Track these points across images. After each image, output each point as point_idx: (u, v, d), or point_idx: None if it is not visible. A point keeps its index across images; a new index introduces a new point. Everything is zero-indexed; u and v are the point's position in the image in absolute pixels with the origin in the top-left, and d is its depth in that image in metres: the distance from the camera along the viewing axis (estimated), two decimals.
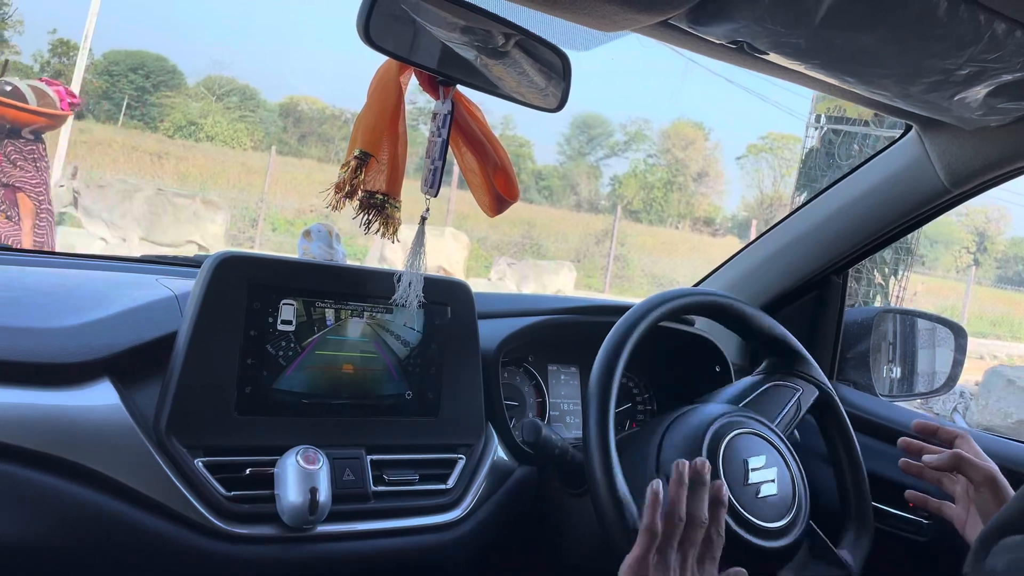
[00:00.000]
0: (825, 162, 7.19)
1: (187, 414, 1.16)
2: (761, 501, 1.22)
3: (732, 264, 1.81)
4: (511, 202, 1.31)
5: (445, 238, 13.25)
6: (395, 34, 1.15)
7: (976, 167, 1.43)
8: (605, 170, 34.42)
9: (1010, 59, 1.08)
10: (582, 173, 32.68)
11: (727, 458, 1.22)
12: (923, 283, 21.11)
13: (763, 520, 1.21)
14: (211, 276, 1.20)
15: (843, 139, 7.14)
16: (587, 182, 31.95)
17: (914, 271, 8.62)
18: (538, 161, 32.94)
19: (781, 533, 1.22)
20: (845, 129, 7.05)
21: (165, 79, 26.96)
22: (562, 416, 1.62)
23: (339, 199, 1.21)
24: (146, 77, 26.48)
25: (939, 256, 30.65)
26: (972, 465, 1.27)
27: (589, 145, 35.56)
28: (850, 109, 6.79)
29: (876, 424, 1.60)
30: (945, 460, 1.30)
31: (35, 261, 1.46)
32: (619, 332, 1.23)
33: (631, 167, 33.48)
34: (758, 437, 1.28)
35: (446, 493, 1.34)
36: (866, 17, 1.01)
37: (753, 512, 1.20)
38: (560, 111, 1.31)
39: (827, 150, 7.24)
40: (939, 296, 21.61)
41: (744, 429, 1.27)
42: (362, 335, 1.31)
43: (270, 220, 14.32)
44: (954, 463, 1.29)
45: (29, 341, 1.13)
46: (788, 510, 1.25)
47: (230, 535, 1.15)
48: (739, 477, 1.22)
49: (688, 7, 1.02)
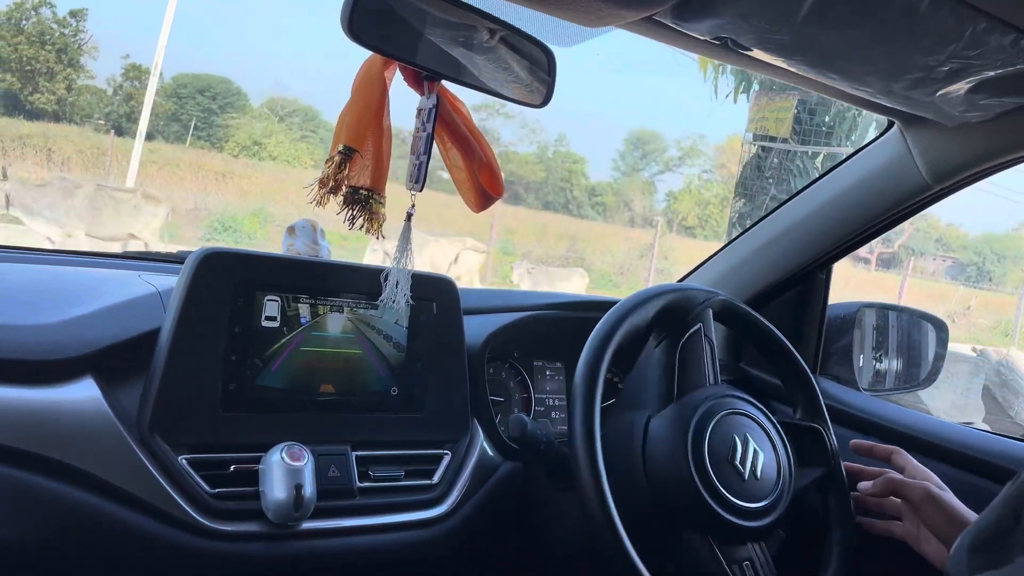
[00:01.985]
0: (756, 174, 7.63)
1: (171, 411, 1.15)
2: (745, 482, 1.23)
3: (717, 259, 1.82)
4: (496, 198, 1.31)
5: (467, 247, 13.32)
6: (379, 29, 1.14)
7: (958, 163, 1.44)
8: (660, 186, 34.36)
9: (991, 56, 1.09)
10: (636, 189, 32.59)
11: (713, 441, 1.23)
12: (977, 296, 21.38)
13: (745, 500, 1.22)
14: (195, 272, 1.19)
15: (769, 154, 7.62)
16: (641, 198, 31.86)
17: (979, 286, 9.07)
18: (592, 178, 32.86)
19: (762, 513, 1.24)
20: (769, 145, 7.54)
21: (231, 100, 27.35)
22: (547, 411, 1.63)
23: (323, 195, 1.20)
24: (213, 99, 26.88)
25: (1008, 271, 30.67)
26: (906, 486, 1.28)
27: (643, 161, 35.36)
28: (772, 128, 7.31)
29: (858, 418, 1.61)
30: (879, 487, 1.31)
31: (16, 257, 1.44)
32: (604, 328, 1.24)
33: (685, 183, 33.27)
34: (745, 417, 1.29)
35: (431, 489, 1.34)
36: (849, 14, 1.02)
37: (736, 493, 1.21)
38: (545, 107, 1.30)
39: (757, 164, 7.68)
40: (997, 311, 21.76)
41: (730, 410, 1.28)
42: (347, 331, 1.31)
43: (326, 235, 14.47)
44: (888, 488, 1.31)
45: (10, 338, 1.12)
46: (772, 490, 1.26)
47: (215, 532, 1.14)
48: (724, 459, 1.23)
49: (672, 3, 1.02)
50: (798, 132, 7.31)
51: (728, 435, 1.25)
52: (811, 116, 7.27)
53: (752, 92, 7.57)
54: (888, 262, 25.66)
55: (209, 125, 26.04)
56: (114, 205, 11.66)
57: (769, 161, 7.58)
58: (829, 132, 7.28)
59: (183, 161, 20.71)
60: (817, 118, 7.24)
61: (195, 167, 20.48)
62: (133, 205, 11.81)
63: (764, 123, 7.46)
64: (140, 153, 13.62)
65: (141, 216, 11.80)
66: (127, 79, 25.10)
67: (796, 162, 7.44)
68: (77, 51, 24.02)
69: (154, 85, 15.06)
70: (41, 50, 22.89)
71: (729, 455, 1.23)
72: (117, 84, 25.19)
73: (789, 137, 7.35)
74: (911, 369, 1.79)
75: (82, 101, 24.28)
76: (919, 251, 29.08)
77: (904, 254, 25.72)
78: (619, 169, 35.38)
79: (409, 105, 1.24)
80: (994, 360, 9.67)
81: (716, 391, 1.30)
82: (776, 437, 1.30)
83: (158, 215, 11.99)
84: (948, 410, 8.28)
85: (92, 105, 24.53)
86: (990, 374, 9.41)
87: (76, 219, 11.32)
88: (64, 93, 23.57)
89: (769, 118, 7.42)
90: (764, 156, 7.66)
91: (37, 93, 22.91)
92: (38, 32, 23.13)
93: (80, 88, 24.32)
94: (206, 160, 21.77)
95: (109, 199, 11.67)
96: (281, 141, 25.64)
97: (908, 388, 1.81)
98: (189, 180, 19.45)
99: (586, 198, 31.23)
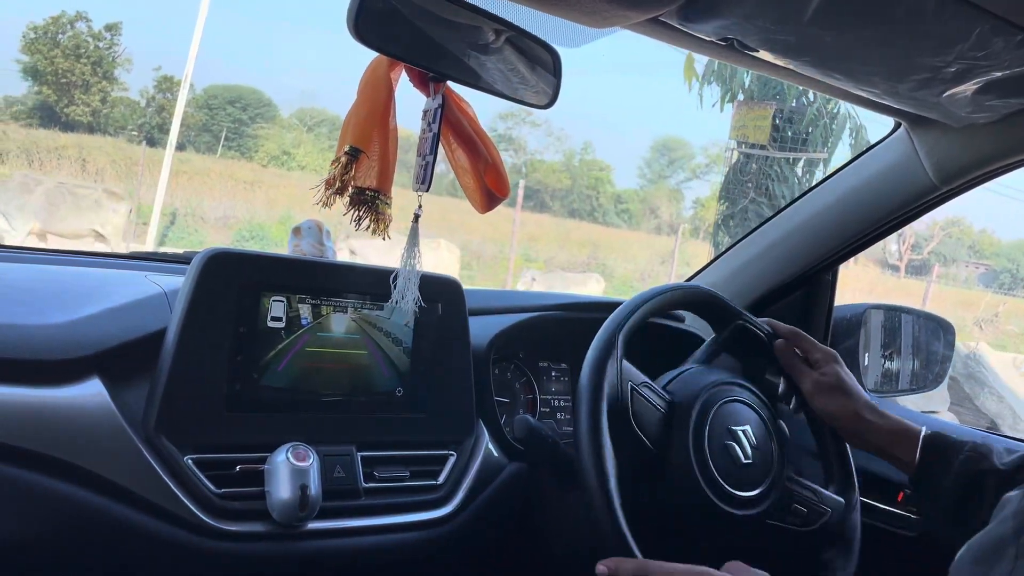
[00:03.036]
0: (738, 179, 7.81)
1: (176, 411, 1.16)
2: (740, 470, 1.23)
3: (722, 260, 1.81)
4: (502, 199, 1.31)
5: (441, 250, 13.37)
6: (385, 30, 1.14)
7: (964, 164, 1.43)
8: (687, 193, 34.16)
9: (998, 56, 1.08)
10: (662, 196, 32.43)
11: (712, 430, 1.23)
12: (1006, 303, 21.25)
13: (739, 489, 1.22)
14: (200, 273, 1.20)
15: (749, 160, 7.82)
16: (668, 205, 31.68)
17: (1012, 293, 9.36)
18: (618, 185, 32.73)
19: (755, 502, 1.23)
20: (750, 152, 7.76)
21: (261, 111, 27.72)
22: (553, 412, 1.63)
23: (329, 195, 1.20)
24: (243, 110, 27.27)
25: None
26: (814, 345, 1.34)
27: (670, 168, 35.15)
28: (751, 135, 7.56)
29: None
30: (787, 332, 1.36)
31: (23, 258, 1.46)
32: (609, 328, 1.23)
33: (712, 190, 32.97)
34: (743, 404, 1.28)
35: (437, 489, 1.34)
36: (855, 14, 1.02)
37: (731, 482, 1.21)
38: (551, 108, 1.30)
39: (740, 169, 7.85)
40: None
41: (729, 398, 1.27)
42: (352, 332, 1.31)
43: None
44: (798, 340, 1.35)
45: (17, 338, 1.13)
46: (764, 478, 1.25)
47: (220, 532, 1.15)
48: (721, 448, 1.23)
49: (679, 4, 1.02)
50: (776, 139, 7.52)
51: (723, 426, 1.24)
52: (788, 124, 7.45)
53: (736, 101, 7.73)
54: (919, 269, 25.40)
55: (239, 135, 26.33)
56: (74, 201, 11.80)
57: (749, 167, 7.77)
58: (805, 139, 7.44)
59: (213, 171, 20.96)
60: (794, 125, 7.40)
61: (225, 177, 20.70)
62: (94, 200, 11.96)
63: (745, 131, 7.71)
64: (171, 163, 13.83)
65: (102, 212, 11.94)
66: (159, 91, 25.43)
67: (775, 167, 7.60)
68: (111, 64, 24.36)
69: (185, 96, 15.27)
70: (76, 63, 23.24)
71: (724, 447, 1.23)
72: (150, 96, 25.54)
73: (768, 144, 7.54)
74: (917, 370, 1.78)
75: (116, 113, 24.62)
76: (951, 258, 28.75)
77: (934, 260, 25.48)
78: (645, 176, 35.25)
79: (415, 106, 1.25)
80: (963, 353, 10.07)
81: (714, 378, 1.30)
82: (769, 420, 1.30)
83: (119, 211, 12.15)
84: (915, 399, 8.36)
85: (125, 117, 24.86)
86: (958, 366, 9.69)
87: (31, 214, 11.52)
88: (98, 105, 23.91)
89: (749, 126, 7.59)
90: (746, 162, 7.86)
91: (72, 105, 23.25)
92: (73, 45, 23.48)
93: (114, 100, 24.65)
94: (236, 170, 22.02)
95: (69, 195, 11.82)
96: (309, 151, 25.86)
97: (914, 389, 1.79)
98: (219, 189, 19.66)
99: (612, 206, 31.15)
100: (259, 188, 20.64)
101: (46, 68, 23.10)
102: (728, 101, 7.64)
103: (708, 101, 7.58)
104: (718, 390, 1.27)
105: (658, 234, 27.71)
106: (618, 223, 29.53)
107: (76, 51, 23.44)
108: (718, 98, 7.56)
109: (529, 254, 18.67)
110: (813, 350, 1.34)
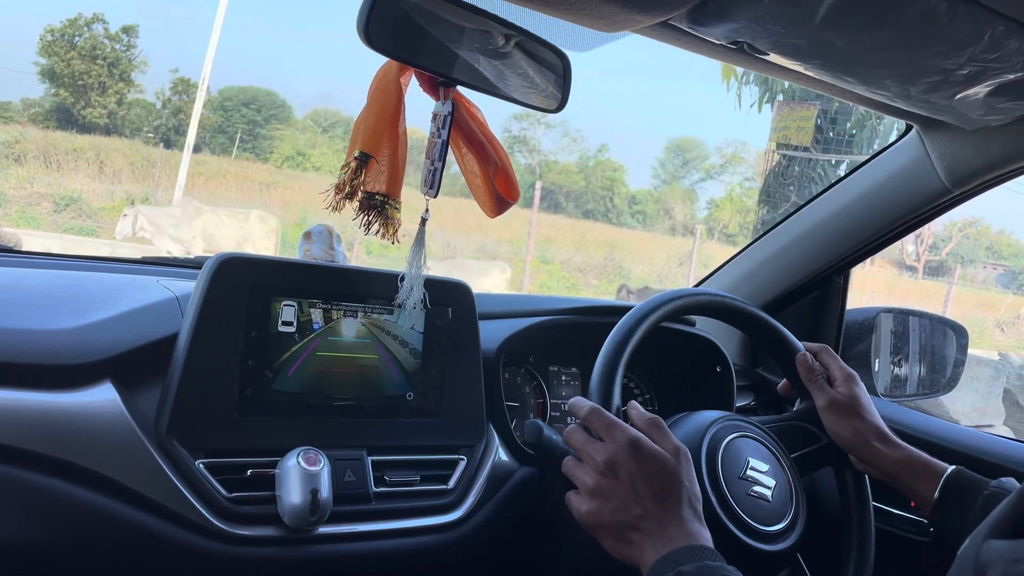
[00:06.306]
0: (778, 182, 7.72)
1: (188, 416, 1.16)
2: (759, 503, 1.22)
3: (734, 264, 1.81)
4: (511, 203, 1.31)
5: (251, 220, 13.27)
6: (395, 35, 1.14)
7: (977, 167, 1.42)
8: (702, 193, 34.11)
9: (1011, 59, 1.08)
10: (677, 197, 32.39)
11: (726, 460, 1.22)
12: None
13: (760, 523, 1.20)
14: (212, 277, 1.20)
15: (792, 163, 7.75)
16: (682, 206, 31.64)
17: None
18: (631, 186, 32.81)
19: (778, 537, 1.22)
20: (792, 154, 7.66)
21: (275, 113, 28.13)
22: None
23: (339, 200, 1.21)
24: (258, 111, 27.65)
25: None
26: (836, 360, 1.35)
27: (684, 169, 35.22)
28: (793, 137, 7.47)
29: None
30: (815, 348, 1.37)
31: (35, 263, 1.47)
32: (620, 333, 1.23)
33: (727, 191, 32.94)
34: (755, 441, 1.28)
35: (447, 494, 1.34)
36: (866, 17, 1.01)
37: (750, 514, 1.20)
38: (560, 112, 1.30)
39: (780, 172, 7.77)
40: None
41: (742, 432, 1.27)
42: (362, 336, 1.32)
43: (365, 244, 14.71)
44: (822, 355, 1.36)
45: (30, 343, 1.13)
46: (785, 513, 1.24)
47: (231, 536, 1.15)
48: (738, 478, 1.22)
49: (688, 7, 1.02)
50: (819, 141, 7.43)
51: (739, 458, 1.24)
52: (832, 124, 7.36)
53: (776, 102, 7.64)
54: (936, 270, 25.24)
55: (254, 137, 26.51)
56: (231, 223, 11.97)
57: (791, 169, 7.68)
58: (850, 140, 7.34)
59: (229, 172, 21.13)
60: (839, 126, 7.31)
61: (241, 178, 20.87)
62: None
63: (786, 132, 7.63)
64: (188, 165, 13.89)
65: None
66: (175, 93, 25.64)
67: (817, 170, 7.51)
68: (128, 66, 24.58)
69: (201, 98, 15.34)
70: (93, 65, 23.42)
71: (742, 478, 1.22)
72: (166, 98, 25.76)
73: (811, 145, 7.45)
74: (930, 375, 1.76)
75: (132, 115, 24.79)
76: (969, 259, 28.55)
77: (952, 261, 25.31)
78: (659, 177, 35.22)
79: (426, 106, 1.25)
80: (1016, 364, 9.71)
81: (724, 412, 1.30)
82: (784, 461, 1.29)
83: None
84: (968, 413, 8.29)
85: (142, 118, 25.03)
86: (1012, 378, 9.39)
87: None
88: (115, 107, 24.08)
89: (791, 127, 7.51)
90: (787, 164, 7.77)
91: (89, 107, 23.43)
92: (90, 47, 23.67)
93: (130, 102, 24.83)
94: (251, 171, 22.19)
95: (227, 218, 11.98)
96: (324, 152, 26.01)
97: (927, 394, 1.78)
98: (235, 191, 19.79)
99: (626, 206, 31.13)
100: (275, 189, 20.77)
101: (63, 70, 23.29)
102: (767, 102, 7.57)
103: (747, 102, 7.51)
104: (723, 426, 1.27)
105: (673, 235, 27.65)
106: (632, 224, 29.49)
107: (92, 53, 23.64)
108: (756, 99, 7.49)
109: (545, 256, 18.64)
110: (835, 367, 1.34)
